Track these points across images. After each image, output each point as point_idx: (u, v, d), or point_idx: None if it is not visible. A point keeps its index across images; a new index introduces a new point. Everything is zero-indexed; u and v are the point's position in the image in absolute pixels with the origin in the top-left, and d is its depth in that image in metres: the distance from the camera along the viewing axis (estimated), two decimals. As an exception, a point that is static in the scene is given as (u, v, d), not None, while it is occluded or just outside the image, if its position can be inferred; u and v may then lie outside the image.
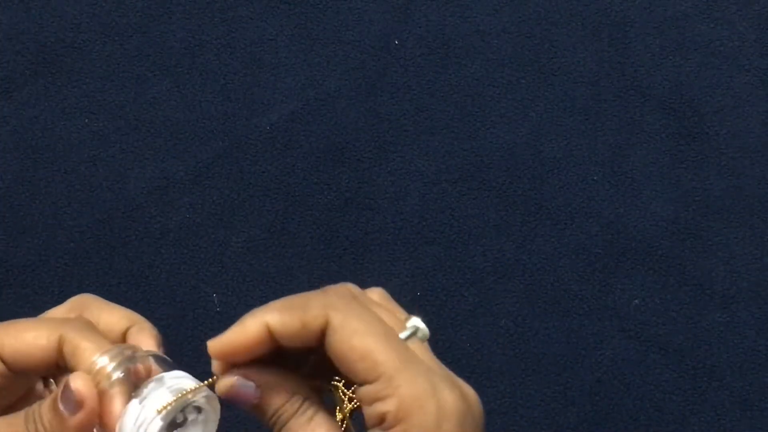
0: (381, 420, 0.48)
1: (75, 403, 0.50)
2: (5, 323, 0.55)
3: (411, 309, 0.98)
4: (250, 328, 0.49)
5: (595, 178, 1.02)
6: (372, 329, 0.48)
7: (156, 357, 0.54)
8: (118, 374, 0.53)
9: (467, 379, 0.96)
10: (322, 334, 0.49)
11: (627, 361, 0.94)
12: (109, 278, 0.97)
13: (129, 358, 0.54)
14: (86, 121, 1.03)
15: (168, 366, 0.53)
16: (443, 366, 0.51)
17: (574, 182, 1.01)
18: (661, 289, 0.97)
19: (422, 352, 0.50)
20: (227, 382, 0.50)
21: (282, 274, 0.98)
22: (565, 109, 1.04)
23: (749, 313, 0.96)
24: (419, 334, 0.52)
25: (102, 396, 0.52)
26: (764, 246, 0.99)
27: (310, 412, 0.51)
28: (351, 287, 0.52)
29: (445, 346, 0.95)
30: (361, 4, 1.08)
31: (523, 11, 1.08)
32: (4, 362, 0.54)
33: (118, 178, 1.01)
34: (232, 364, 0.50)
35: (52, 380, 0.58)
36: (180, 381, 0.52)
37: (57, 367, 0.55)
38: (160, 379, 0.52)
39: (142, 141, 1.02)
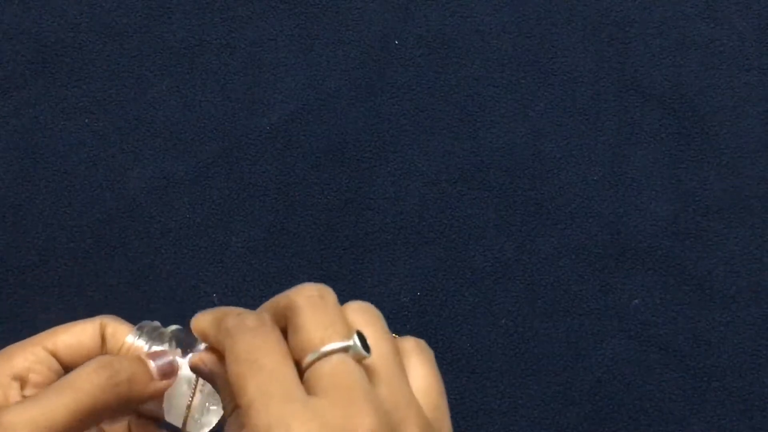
0: None
1: (170, 368, 0.57)
2: (48, 331, 0.61)
3: (411, 309, 0.98)
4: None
5: (595, 178, 1.02)
6: (253, 356, 0.47)
7: (181, 331, 0.60)
8: (154, 348, 0.59)
9: (467, 379, 0.96)
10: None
11: (627, 361, 0.94)
12: (109, 278, 0.97)
13: (159, 335, 0.60)
14: (86, 121, 1.03)
15: (193, 338, 0.59)
16: (370, 398, 0.45)
17: (574, 182, 1.01)
18: (661, 289, 0.97)
19: (332, 373, 0.45)
20: (195, 356, 0.53)
21: (282, 274, 0.98)
22: (565, 109, 1.04)
23: (749, 313, 0.96)
24: (350, 352, 0.46)
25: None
26: (764, 246, 0.99)
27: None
28: (311, 289, 0.49)
29: (445, 346, 0.95)
30: (361, 4, 1.08)
31: (523, 11, 1.08)
32: (59, 360, 0.59)
33: (118, 178, 1.01)
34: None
35: None
36: None
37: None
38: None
39: (142, 141, 1.02)
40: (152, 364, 0.57)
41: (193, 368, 0.53)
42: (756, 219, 1.00)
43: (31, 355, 0.59)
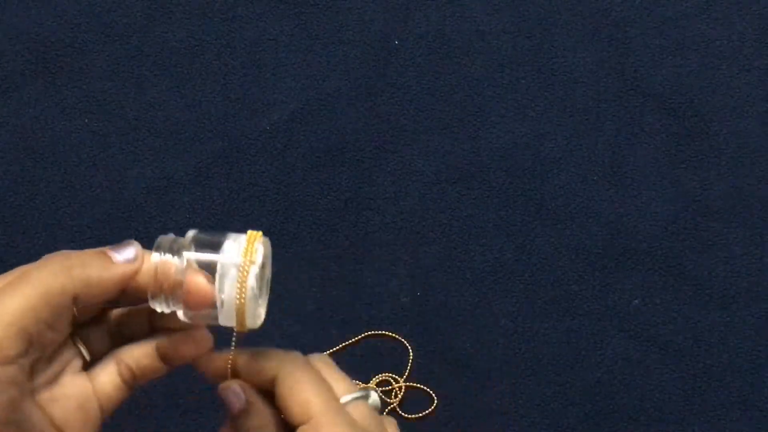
0: None
1: (133, 254, 0.59)
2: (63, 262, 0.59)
3: (411, 309, 0.98)
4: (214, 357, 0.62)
5: (595, 178, 1.02)
6: (311, 385, 0.59)
7: (200, 233, 0.60)
8: (183, 259, 0.58)
9: (467, 379, 0.96)
10: (273, 383, 0.60)
11: (627, 361, 0.94)
12: (109, 278, 0.97)
13: (180, 247, 0.59)
14: (86, 121, 1.03)
15: (217, 235, 0.60)
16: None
17: (574, 182, 1.01)
18: (661, 289, 0.97)
19: (361, 414, 0.60)
20: (231, 382, 0.60)
21: (282, 274, 0.97)
22: (565, 109, 1.04)
23: (749, 313, 0.96)
24: (369, 400, 0.61)
25: (180, 282, 0.58)
26: (764, 246, 0.99)
27: None
28: (323, 356, 0.63)
29: (445, 346, 0.95)
30: (361, 4, 1.08)
31: (523, 11, 1.08)
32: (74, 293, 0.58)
33: (118, 178, 1.01)
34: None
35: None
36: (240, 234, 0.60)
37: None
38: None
39: (142, 141, 1.02)
40: (109, 250, 0.59)
41: (222, 394, 0.60)
42: (756, 219, 1.00)
43: None
